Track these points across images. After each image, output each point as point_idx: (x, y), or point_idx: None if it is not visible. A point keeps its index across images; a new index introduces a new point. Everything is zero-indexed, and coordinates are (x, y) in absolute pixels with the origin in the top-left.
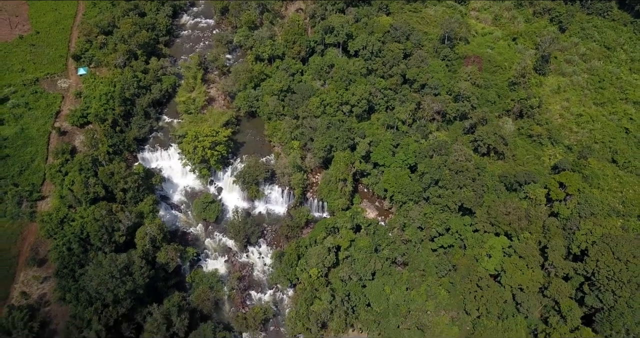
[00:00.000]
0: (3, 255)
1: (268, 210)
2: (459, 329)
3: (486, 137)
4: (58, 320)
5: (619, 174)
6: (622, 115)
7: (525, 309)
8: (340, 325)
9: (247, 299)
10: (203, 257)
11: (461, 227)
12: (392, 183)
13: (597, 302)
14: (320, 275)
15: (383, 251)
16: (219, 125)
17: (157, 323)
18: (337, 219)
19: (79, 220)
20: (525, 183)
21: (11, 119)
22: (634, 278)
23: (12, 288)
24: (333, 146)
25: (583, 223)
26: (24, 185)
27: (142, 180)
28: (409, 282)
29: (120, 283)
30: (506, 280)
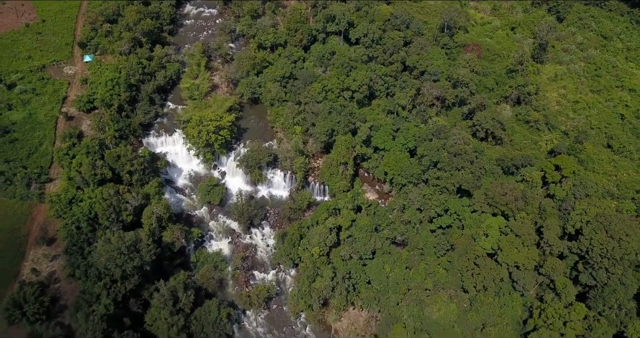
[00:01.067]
0: (13, 235)
1: (271, 193)
2: (457, 306)
3: (484, 122)
4: (68, 297)
5: (613, 159)
6: (617, 102)
7: (521, 286)
8: (341, 302)
9: (251, 279)
10: (207, 238)
11: (459, 208)
12: (392, 166)
13: (590, 279)
14: (322, 254)
15: (383, 231)
16: (223, 110)
17: (164, 299)
18: (339, 200)
19: (87, 201)
20: (522, 167)
21: (19, 104)
22: (627, 255)
23: (22, 265)
24: (334, 130)
25: (578, 204)
26: (33, 167)
27: (147, 163)
28: (408, 261)
29: (128, 259)
30: (502, 258)
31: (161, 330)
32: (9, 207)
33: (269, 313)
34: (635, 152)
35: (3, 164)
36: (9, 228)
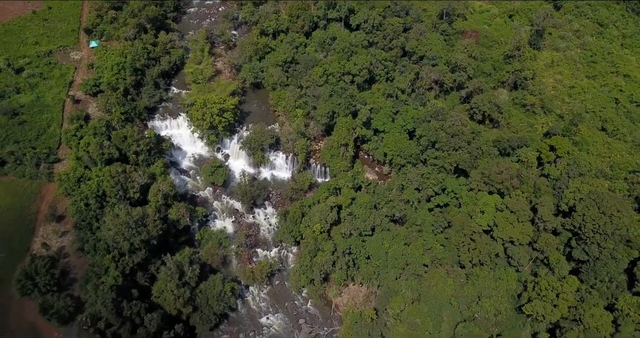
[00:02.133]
0: (23, 212)
1: (273, 175)
2: (454, 281)
3: (481, 105)
4: (77, 270)
5: (607, 141)
6: (612, 87)
7: (516, 262)
8: (342, 277)
9: (254, 256)
10: (211, 218)
11: (456, 187)
12: (392, 147)
13: (583, 254)
14: (323, 231)
15: (382, 209)
16: (226, 94)
17: (170, 272)
18: (339, 180)
19: (95, 179)
20: (517, 148)
21: (27, 88)
22: (618, 230)
23: (32, 241)
24: (335, 112)
25: (571, 183)
26: (41, 148)
27: (153, 144)
28: (406, 237)
29: (136, 233)
30: (498, 233)
31: (168, 301)
32: (19, 186)
33: (271, 288)
34: (628, 134)
35: (12, 145)
36: (19, 206)
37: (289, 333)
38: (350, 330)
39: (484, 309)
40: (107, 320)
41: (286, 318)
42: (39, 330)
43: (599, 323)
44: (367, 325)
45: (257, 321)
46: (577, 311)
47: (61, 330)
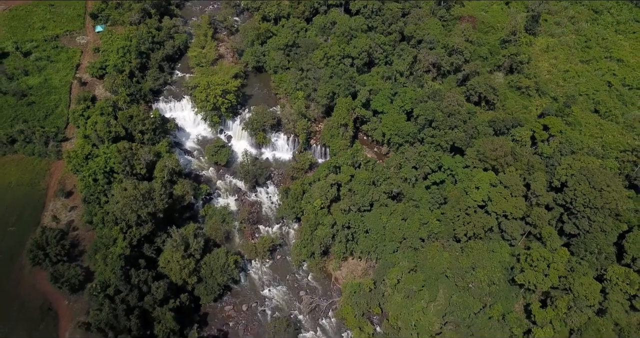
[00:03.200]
0: (33, 188)
1: (275, 156)
2: (449, 254)
3: (477, 86)
4: (85, 243)
5: (600, 122)
6: (606, 71)
7: (509, 235)
8: (341, 250)
9: (256, 232)
10: (215, 196)
11: (452, 164)
12: (390, 127)
13: (574, 228)
14: (323, 207)
15: (380, 186)
16: (229, 76)
17: (176, 243)
18: (339, 158)
19: (103, 156)
20: (512, 127)
21: (35, 71)
22: (607, 204)
23: (42, 215)
24: (335, 93)
25: (563, 160)
26: (50, 127)
27: (158, 123)
28: (403, 213)
29: (143, 205)
30: (492, 207)
31: (173, 271)
32: (29, 163)
33: (273, 262)
34: (620, 116)
35: (22, 124)
36: (30, 182)
37: (290, 304)
38: (349, 300)
39: (478, 279)
40: (116, 286)
41: (287, 291)
42: (50, 298)
43: (588, 291)
44: (365, 295)
45: (259, 293)
46: (567, 280)
47: (71, 298)
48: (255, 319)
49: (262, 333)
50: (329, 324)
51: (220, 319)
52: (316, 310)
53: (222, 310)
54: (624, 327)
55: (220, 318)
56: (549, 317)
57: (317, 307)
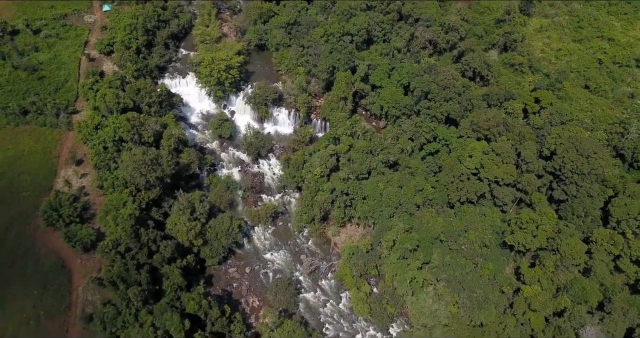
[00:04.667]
0: (45, 156)
1: (276, 130)
2: (443, 219)
3: (472, 62)
4: (96, 207)
5: (590, 97)
6: (597, 49)
7: (501, 201)
8: (340, 215)
9: (259, 201)
10: (219, 167)
11: (447, 135)
12: (388, 100)
13: (562, 194)
14: (323, 175)
15: (378, 156)
16: (232, 53)
17: (182, 207)
18: (338, 129)
19: (112, 126)
20: (505, 101)
21: (45, 47)
22: (594, 170)
23: (55, 181)
24: (335, 67)
25: (553, 130)
26: (60, 100)
27: (164, 96)
28: (400, 180)
29: (151, 169)
30: (484, 173)
31: (180, 232)
32: (41, 133)
33: (275, 229)
34: (610, 91)
35: (33, 96)
36: (42, 151)
37: (291, 267)
38: (348, 262)
39: (470, 241)
40: (127, 244)
41: (288, 254)
42: (64, 257)
43: (574, 251)
44: (362, 256)
45: (262, 256)
46: (555, 241)
47: (84, 257)
48: (258, 281)
49: (264, 293)
50: (328, 285)
51: (225, 280)
52: (316, 272)
53: (226, 272)
54: (609, 286)
55: (225, 280)
56: (536, 276)
57: (317, 269)
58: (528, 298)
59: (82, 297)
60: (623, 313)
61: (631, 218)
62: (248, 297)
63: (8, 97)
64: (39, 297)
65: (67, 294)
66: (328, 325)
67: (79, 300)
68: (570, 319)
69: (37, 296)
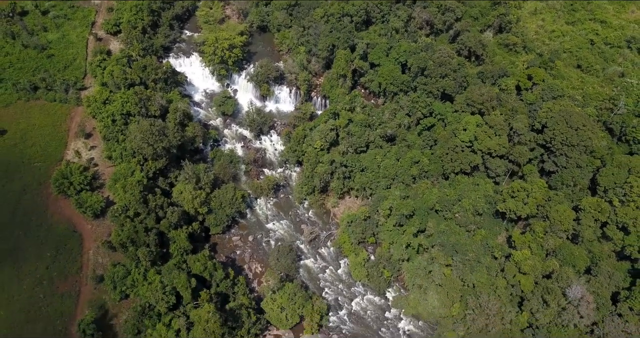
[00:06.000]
0: (55, 129)
1: (278, 108)
2: (438, 190)
3: (467, 41)
4: (105, 177)
5: (581, 76)
6: (589, 31)
7: (494, 172)
8: (339, 186)
9: (261, 175)
10: (222, 143)
11: (443, 110)
12: (386, 77)
13: (553, 166)
14: (323, 148)
15: (376, 130)
16: (235, 33)
17: (188, 176)
18: (338, 104)
19: (120, 100)
20: (499, 78)
21: (53, 27)
22: (582, 142)
23: (65, 153)
24: (335, 45)
25: (545, 104)
26: (69, 77)
27: (170, 73)
28: (397, 153)
29: (158, 140)
30: (477, 145)
31: (186, 200)
32: (51, 108)
33: (277, 200)
34: (601, 71)
35: (43, 73)
36: (52, 124)
37: (292, 236)
38: (346, 230)
39: (464, 208)
40: (136, 209)
41: (290, 224)
42: (75, 222)
43: (563, 217)
44: (360, 224)
45: (264, 226)
46: (545, 208)
47: (94, 223)
48: (260, 248)
49: (266, 260)
50: (327, 253)
51: (228, 248)
52: (316, 241)
53: (229, 240)
54: (597, 253)
55: (228, 248)
56: (527, 241)
57: (317, 238)
58: (518, 262)
59: (93, 259)
60: (609, 276)
61: (618, 187)
62: (251, 264)
63: (19, 74)
64: (52, 259)
65: (79, 257)
66: (327, 289)
67: (89, 262)
68: (558, 280)
69: (50, 258)
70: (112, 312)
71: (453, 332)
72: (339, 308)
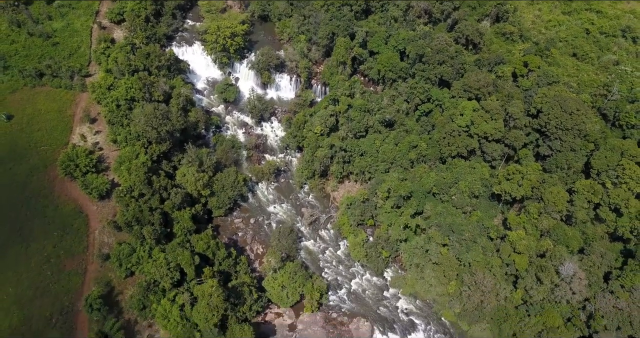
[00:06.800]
0: (61, 114)
1: (278, 96)
2: (436, 174)
3: (465, 29)
4: (110, 160)
5: (577, 64)
6: (585, 20)
7: (490, 156)
8: (339, 170)
9: (262, 160)
10: (224, 129)
11: (440, 95)
12: (385, 64)
13: (548, 150)
14: (323, 133)
15: (375, 115)
16: (237, 22)
17: (191, 159)
18: (337, 90)
19: (124, 86)
20: (496, 65)
21: (58, 16)
22: (576, 125)
23: (71, 137)
24: (335, 33)
25: (540, 90)
26: (74, 64)
27: (172, 61)
28: (395, 138)
29: (162, 123)
30: (474, 129)
31: (189, 182)
32: (56, 94)
33: (278, 185)
34: (596, 59)
35: (49, 60)
36: (58, 109)
37: (293, 218)
38: (346, 212)
39: (460, 190)
40: (140, 190)
41: (291, 207)
42: (80, 204)
43: (557, 198)
44: (359, 206)
45: (265, 209)
46: (539, 190)
47: (99, 204)
48: (261, 230)
49: (268, 242)
50: (327, 235)
51: (231, 230)
52: (316, 223)
53: (232, 222)
54: (590, 234)
55: (231, 230)
56: (521, 222)
57: (317, 220)
58: (513, 242)
59: (99, 238)
60: (601, 255)
61: (610, 170)
62: (252, 245)
63: (24, 61)
64: (59, 239)
65: (85, 236)
66: (327, 269)
67: (95, 242)
68: (552, 258)
69: (57, 237)
70: (117, 289)
71: (449, 309)
72: (338, 287)
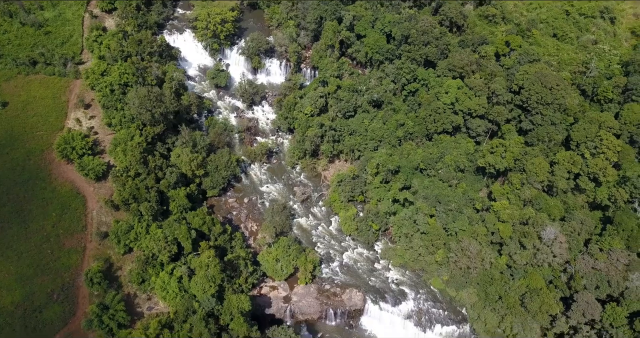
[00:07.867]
0: (56, 100)
1: (269, 81)
2: (423, 150)
3: (449, 11)
4: (106, 144)
5: (557, 44)
6: (565, 2)
7: (474, 132)
8: (329, 148)
9: (254, 142)
10: (216, 114)
11: (426, 75)
12: (372, 46)
13: (529, 124)
14: (313, 114)
15: (363, 96)
16: (227, 9)
17: (185, 140)
18: (326, 72)
19: (117, 71)
20: (479, 45)
21: (49, 6)
22: (556, 100)
23: (66, 122)
24: (323, 18)
25: (521, 68)
26: (67, 52)
27: (164, 47)
28: (383, 117)
29: (156, 105)
30: (458, 106)
31: (184, 163)
32: (50, 81)
33: (270, 166)
34: (575, 39)
35: (41, 49)
36: (52, 96)
37: (285, 197)
38: (336, 189)
39: (446, 164)
40: (136, 170)
41: (283, 187)
42: (77, 186)
43: (538, 168)
44: (349, 182)
45: (258, 189)
46: (521, 162)
47: (96, 185)
48: (255, 209)
49: (261, 220)
50: (319, 211)
51: (225, 209)
52: (308, 201)
53: (226, 202)
54: (571, 204)
55: (225, 209)
56: (505, 192)
57: (308, 198)
58: (497, 211)
59: (97, 218)
60: (581, 222)
61: (589, 141)
62: (247, 223)
63: (17, 50)
64: (58, 218)
65: (83, 216)
66: (320, 244)
67: (93, 221)
68: (534, 225)
69: (55, 217)
70: (116, 265)
71: (437, 277)
72: (330, 261)
